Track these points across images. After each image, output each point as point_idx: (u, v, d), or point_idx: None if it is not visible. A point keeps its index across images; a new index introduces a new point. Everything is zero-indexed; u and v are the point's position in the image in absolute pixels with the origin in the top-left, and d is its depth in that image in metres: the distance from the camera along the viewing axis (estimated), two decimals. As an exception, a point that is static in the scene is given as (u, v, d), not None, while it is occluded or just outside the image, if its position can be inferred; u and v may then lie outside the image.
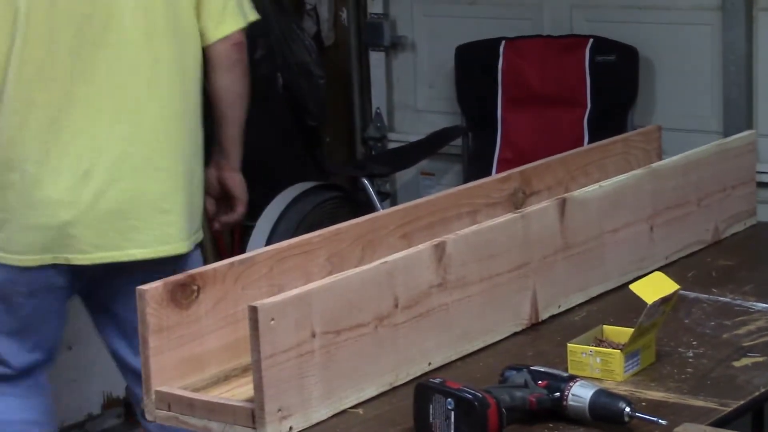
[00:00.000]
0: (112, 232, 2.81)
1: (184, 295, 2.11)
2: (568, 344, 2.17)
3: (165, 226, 2.86)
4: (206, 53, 2.98)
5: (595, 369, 2.14)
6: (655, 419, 1.92)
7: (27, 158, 2.78)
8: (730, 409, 2.02)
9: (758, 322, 2.38)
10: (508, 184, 2.74)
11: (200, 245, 3.05)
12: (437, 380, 1.95)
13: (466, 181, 4.10)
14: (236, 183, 3.20)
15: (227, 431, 1.99)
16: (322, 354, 2.01)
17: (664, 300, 2.13)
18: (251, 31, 4.80)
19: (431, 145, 4.59)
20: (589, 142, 4.14)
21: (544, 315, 2.41)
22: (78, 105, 2.78)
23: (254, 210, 4.45)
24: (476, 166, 4.47)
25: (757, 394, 2.08)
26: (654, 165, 2.75)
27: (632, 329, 2.13)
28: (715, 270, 2.68)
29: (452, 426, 1.90)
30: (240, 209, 3.23)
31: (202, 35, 2.96)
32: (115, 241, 2.82)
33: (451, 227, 2.52)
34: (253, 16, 3.10)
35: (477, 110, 4.54)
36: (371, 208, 4.21)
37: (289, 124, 4.82)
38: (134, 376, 2.95)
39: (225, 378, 2.14)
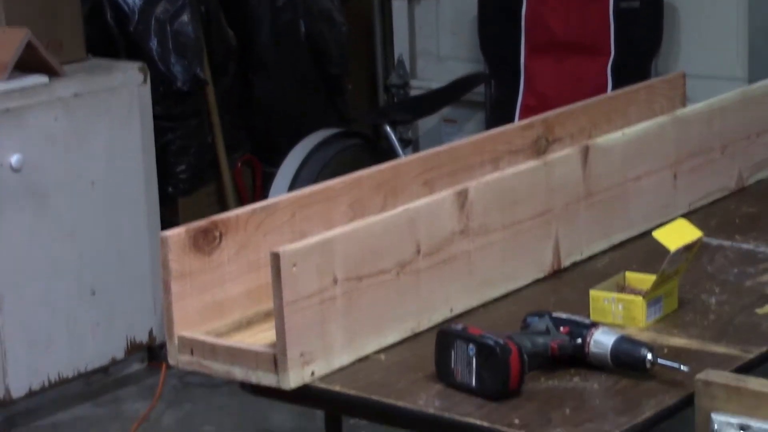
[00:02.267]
0: None
1: (206, 242, 2.11)
2: (591, 291, 2.17)
3: None
4: None
5: (617, 316, 2.14)
6: (677, 366, 1.92)
7: None
8: (752, 356, 2.02)
9: (781, 269, 2.37)
10: (531, 132, 2.73)
11: None
12: (459, 327, 1.96)
13: (488, 128, 4.09)
14: None
15: (249, 376, 2.00)
16: (343, 300, 2.02)
17: (687, 247, 2.13)
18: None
19: (454, 93, 4.58)
20: (612, 90, 4.12)
21: (566, 262, 2.41)
22: None
23: (276, 156, 4.47)
24: (499, 114, 4.46)
25: (779, 341, 2.08)
26: (678, 112, 2.74)
27: (655, 276, 2.13)
28: (739, 217, 2.67)
29: (474, 372, 1.90)
30: None
31: None
32: None
33: (474, 174, 2.51)
34: None
35: (500, 57, 4.52)
36: (393, 155, 4.21)
37: (311, 72, 4.81)
38: None
39: (247, 323, 2.15)
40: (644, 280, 2.19)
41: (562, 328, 1.99)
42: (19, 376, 3.80)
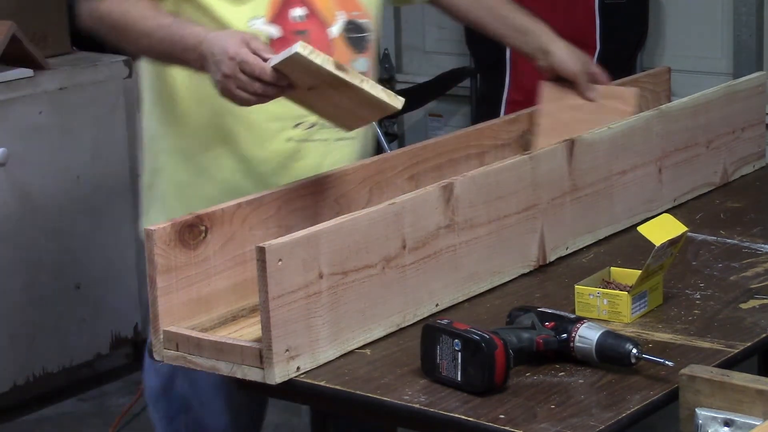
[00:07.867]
0: None
1: (191, 236, 2.11)
2: (576, 286, 2.17)
3: None
4: None
5: (602, 311, 2.14)
6: (661, 361, 1.93)
7: None
8: (737, 351, 2.03)
9: (766, 264, 2.37)
10: (517, 126, 2.73)
11: None
12: (444, 321, 1.96)
13: (474, 122, 4.09)
14: None
15: (235, 371, 1.99)
16: (329, 295, 2.02)
17: (672, 242, 2.13)
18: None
19: (439, 87, 4.58)
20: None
21: (551, 257, 2.41)
22: None
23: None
24: (485, 108, 4.46)
25: (764, 336, 2.08)
26: (663, 107, 2.74)
27: (640, 271, 2.13)
28: (724, 212, 2.68)
29: (459, 367, 1.91)
30: None
31: None
32: None
33: (459, 169, 2.51)
34: None
35: (486, 51, 4.52)
36: (379, 150, 4.21)
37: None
38: None
39: (233, 318, 2.15)
40: (629, 275, 2.19)
41: (547, 323, 2.00)
42: (4, 371, 3.79)
